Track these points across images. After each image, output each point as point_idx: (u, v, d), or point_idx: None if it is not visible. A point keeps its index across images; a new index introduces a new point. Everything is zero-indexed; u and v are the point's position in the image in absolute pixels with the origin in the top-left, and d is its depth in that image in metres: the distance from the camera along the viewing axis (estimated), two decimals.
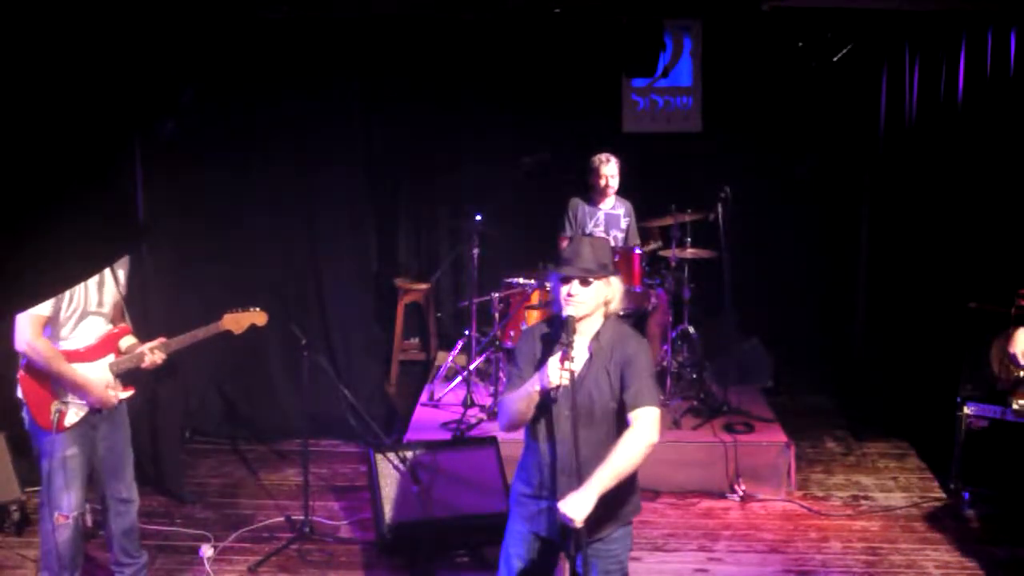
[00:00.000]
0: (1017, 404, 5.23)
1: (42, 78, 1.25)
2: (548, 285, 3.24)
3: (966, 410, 5.53)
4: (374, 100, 7.28)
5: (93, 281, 4.11)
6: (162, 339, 4.25)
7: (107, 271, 4.14)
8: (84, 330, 4.11)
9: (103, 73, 1.33)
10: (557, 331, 3.26)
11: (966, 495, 5.57)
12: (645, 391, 3.15)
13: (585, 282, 3.18)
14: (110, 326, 4.23)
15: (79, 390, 4.04)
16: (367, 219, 7.59)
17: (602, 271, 3.21)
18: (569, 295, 3.17)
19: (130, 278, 4.35)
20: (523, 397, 3.17)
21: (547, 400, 3.19)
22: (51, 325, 4.02)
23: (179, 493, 5.64)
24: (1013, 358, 4.60)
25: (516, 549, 3.36)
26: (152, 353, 4.19)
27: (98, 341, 4.16)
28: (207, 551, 4.92)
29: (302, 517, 5.17)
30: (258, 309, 4.44)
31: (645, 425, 3.12)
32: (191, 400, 6.48)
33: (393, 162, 7.83)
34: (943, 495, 5.68)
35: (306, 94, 6.51)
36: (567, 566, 3.33)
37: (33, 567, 4.80)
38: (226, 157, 6.29)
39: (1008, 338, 4.65)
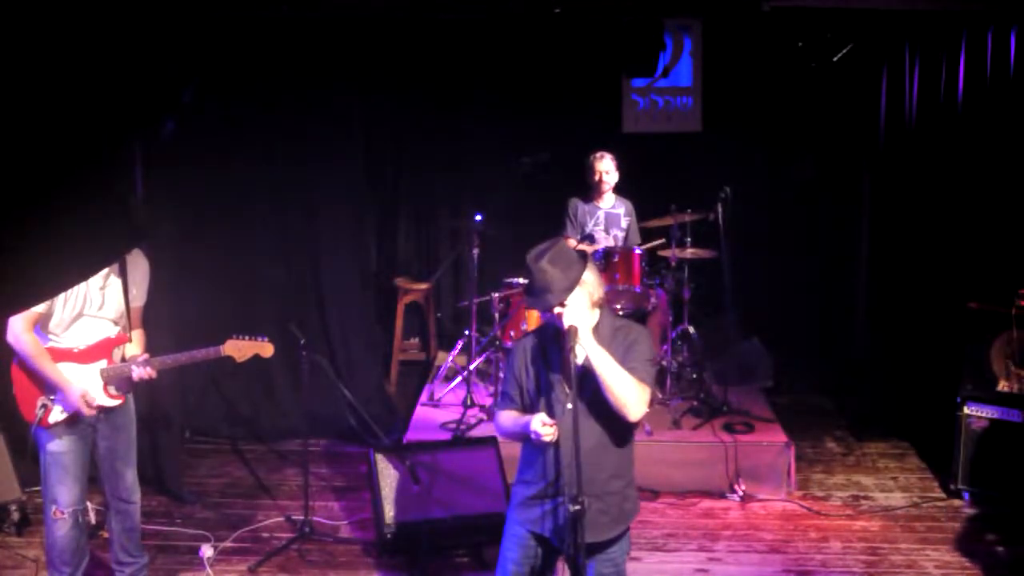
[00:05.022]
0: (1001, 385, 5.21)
1: (42, 78, 1.25)
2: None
3: (966, 410, 5.53)
4: (374, 100, 7.28)
5: (96, 284, 4.08)
6: (146, 355, 4.19)
7: (113, 276, 4.13)
8: (80, 331, 4.09)
9: (103, 73, 1.33)
10: (546, 338, 3.32)
11: (966, 495, 5.57)
12: (640, 369, 3.21)
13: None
14: (116, 330, 4.20)
15: (59, 391, 4.04)
16: (367, 219, 7.59)
17: (573, 286, 3.19)
18: (558, 312, 3.19)
19: (150, 290, 4.33)
20: (517, 432, 3.33)
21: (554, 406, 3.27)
22: (43, 321, 4.02)
23: (179, 493, 5.64)
24: None
25: (513, 553, 3.37)
26: (142, 367, 4.15)
27: (94, 344, 4.13)
28: (207, 551, 4.91)
29: (302, 517, 5.17)
30: (265, 340, 4.41)
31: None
32: (191, 400, 6.48)
33: (393, 162, 7.82)
34: (943, 495, 5.68)
35: (306, 94, 6.51)
36: (564, 570, 3.35)
37: (33, 567, 4.80)
38: (226, 157, 6.28)
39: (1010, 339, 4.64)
